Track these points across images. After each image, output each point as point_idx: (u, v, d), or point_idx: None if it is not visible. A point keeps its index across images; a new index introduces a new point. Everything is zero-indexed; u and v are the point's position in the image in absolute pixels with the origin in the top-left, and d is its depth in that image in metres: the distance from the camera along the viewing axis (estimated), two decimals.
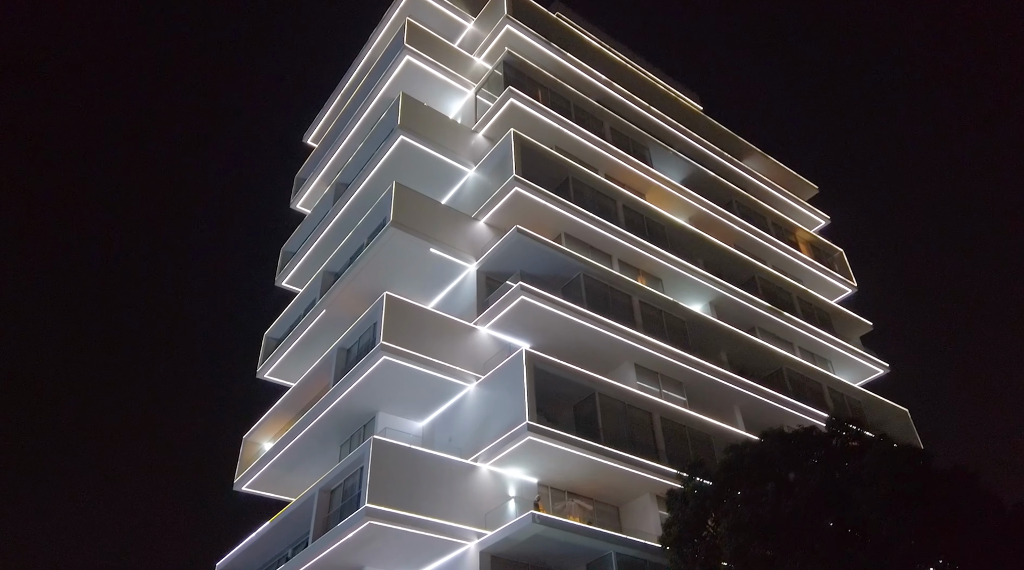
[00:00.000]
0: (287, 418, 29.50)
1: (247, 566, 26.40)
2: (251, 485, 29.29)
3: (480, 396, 24.49)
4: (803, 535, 12.35)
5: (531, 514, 20.23)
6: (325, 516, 22.67)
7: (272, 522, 25.58)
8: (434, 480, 21.68)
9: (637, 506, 24.12)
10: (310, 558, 21.82)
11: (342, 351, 26.78)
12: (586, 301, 26.57)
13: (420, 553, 21.56)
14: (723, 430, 26.32)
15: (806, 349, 36.16)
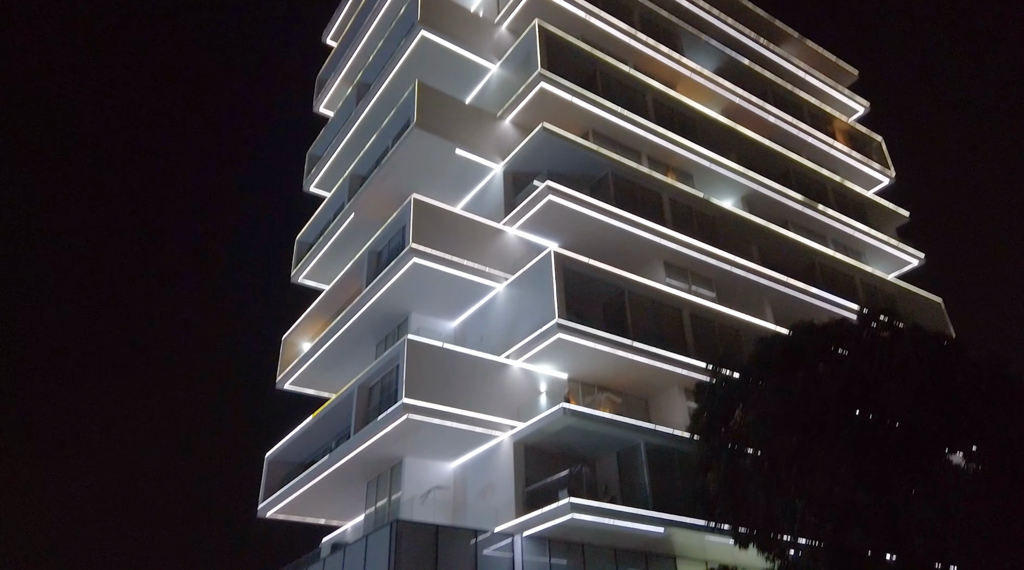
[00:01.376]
0: (323, 319, 30.33)
1: (294, 457, 27.98)
2: (293, 383, 30.53)
3: (510, 296, 24.82)
4: (830, 425, 12.61)
5: (562, 407, 20.94)
6: (365, 411, 23.72)
7: (315, 417, 26.87)
8: (467, 376, 22.41)
9: (665, 398, 24.77)
10: (352, 449, 23.02)
11: (373, 254, 27.11)
12: (615, 199, 26.26)
13: (456, 444, 22.60)
14: (752, 325, 26.48)
15: (839, 242, 35.63)
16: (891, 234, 38.16)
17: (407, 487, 22.61)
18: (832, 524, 12.22)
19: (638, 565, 21.26)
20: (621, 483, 21.85)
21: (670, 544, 21.24)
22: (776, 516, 13.41)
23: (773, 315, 29.05)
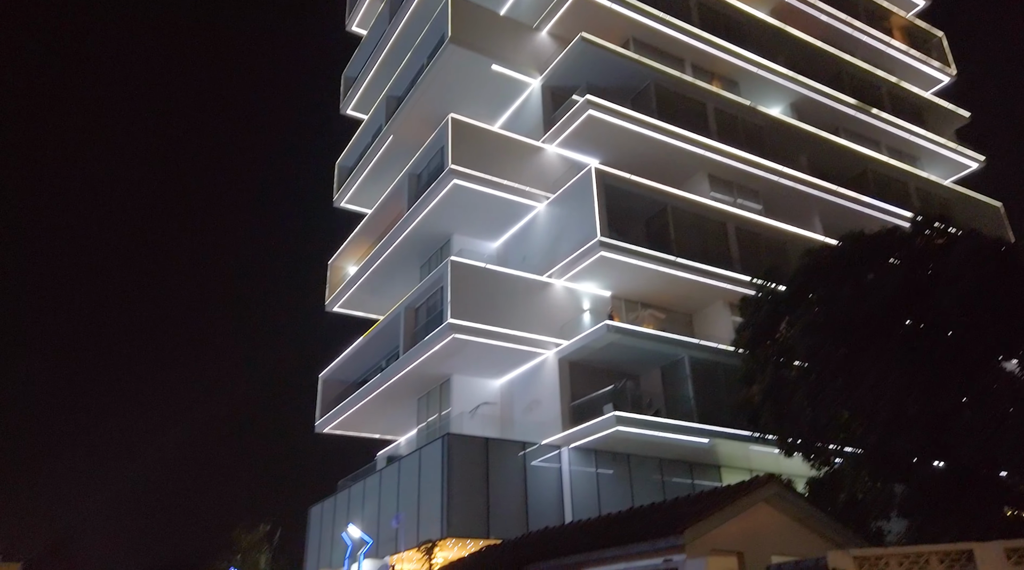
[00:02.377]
0: (367, 243, 30.73)
1: (346, 377, 29.05)
2: (342, 305, 31.32)
3: (551, 215, 24.66)
4: (878, 334, 12.46)
5: (605, 324, 21.10)
6: (412, 331, 24.31)
7: (364, 338, 27.66)
8: (511, 296, 22.65)
9: (710, 313, 24.70)
10: (401, 369, 23.76)
11: (412, 177, 27.07)
12: (657, 111, 25.46)
13: (502, 362, 23.10)
14: (800, 237, 25.90)
15: (893, 147, 34.10)
16: (949, 137, 36.30)
17: (456, 403, 23.36)
18: (878, 432, 12.26)
19: (683, 474, 21.82)
20: (665, 396, 22.18)
21: (715, 454, 21.68)
22: (821, 425, 13.51)
23: (822, 226, 28.32)
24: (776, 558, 9.37)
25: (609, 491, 20.64)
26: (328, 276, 32.60)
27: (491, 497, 19.94)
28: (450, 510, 19.16)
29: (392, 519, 21.09)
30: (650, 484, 21.03)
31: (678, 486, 20.47)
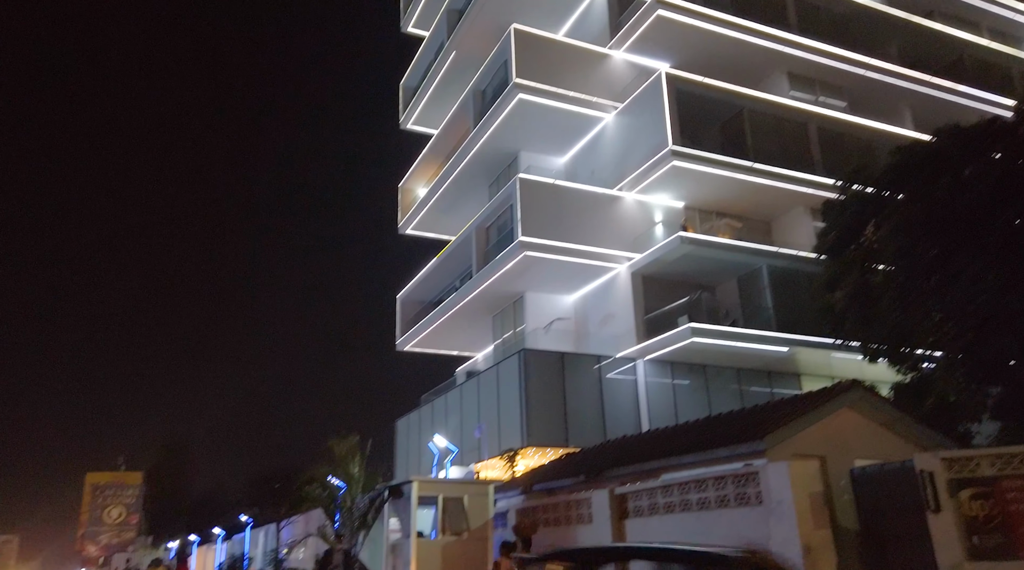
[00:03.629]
0: (436, 164, 30.76)
1: (422, 297, 29.78)
2: (414, 228, 31.75)
3: (620, 125, 23.93)
4: (976, 231, 11.70)
5: (679, 235, 20.67)
6: (483, 251, 24.51)
7: (437, 259, 28.11)
8: (581, 211, 22.38)
9: (789, 220, 23.80)
10: (475, 288, 24.13)
11: (477, 93, 26.62)
12: (731, 6, 23.91)
13: (574, 278, 23.10)
14: (888, 134, 24.31)
15: (995, 29, 31.07)
16: None
17: (530, 319, 23.66)
18: (972, 333, 11.72)
19: (761, 383, 21.65)
20: (743, 306, 21.80)
21: (794, 362, 21.35)
22: (910, 329, 13.01)
23: (913, 121, 26.46)
24: (860, 462, 9.27)
25: (686, 401, 20.76)
26: (399, 199, 32.98)
27: (568, 408, 20.41)
28: (529, 421, 19.75)
29: (475, 430, 21.95)
30: (727, 394, 21.00)
31: (756, 395, 20.36)
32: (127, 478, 58.52)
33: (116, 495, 56.48)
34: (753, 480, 9.19)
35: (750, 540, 9.01)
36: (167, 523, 56.63)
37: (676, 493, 10.52)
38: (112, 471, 59.04)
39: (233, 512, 42.45)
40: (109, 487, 56.87)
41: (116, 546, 50.90)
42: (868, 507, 8.79)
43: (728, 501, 9.58)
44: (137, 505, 56.78)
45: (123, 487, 57.33)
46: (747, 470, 9.30)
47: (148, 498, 58.53)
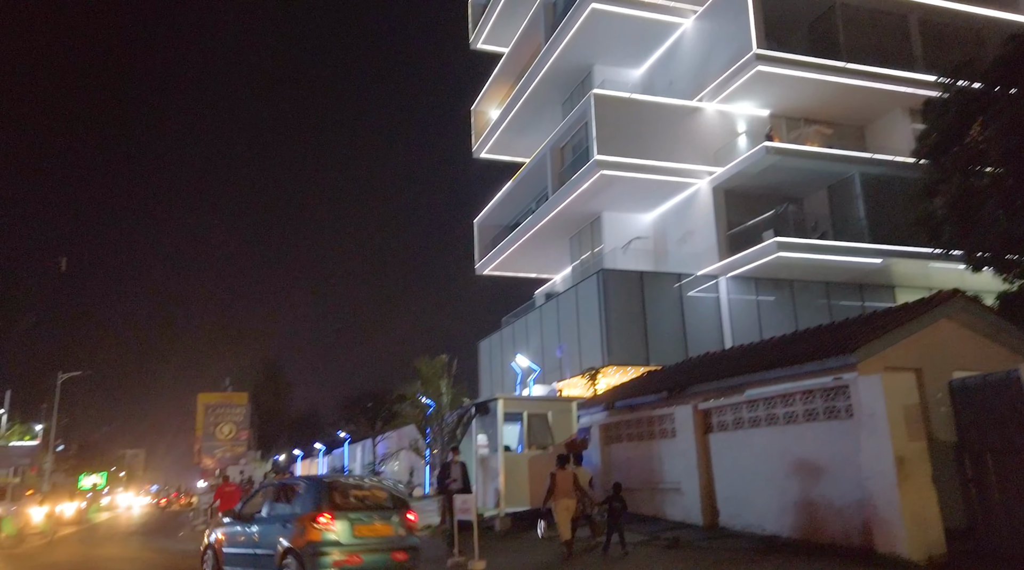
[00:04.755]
0: (508, 84, 30.19)
1: (499, 221, 29.86)
2: (488, 151, 31.57)
3: (699, 31, 22.67)
4: None
5: (764, 146, 19.75)
6: (559, 171, 24.20)
7: (512, 182, 27.98)
8: (659, 126, 21.64)
9: (885, 123, 22.29)
10: (551, 209, 23.97)
11: (548, 6, 25.69)
12: None
13: (652, 195, 22.58)
14: (1000, 22, 22.07)
15: None
16: None
17: (608, 239, 23.44)
18: None
19: (852, 296, 20.90)
20: (832, 217, 20.86)
21: (888, 274, 20.44)
22: (1018, 234, 12.17)
23: None
24: (959, 374, 8.93)
25: (771, 318, 20.33)
26: (472, 122, 32.70)
27: (649, 327, 20.38)
28: (609, 340, 19.88)
29: (556, 349, 22.30)
30: (815, 309, 20.41)
31: (846, 309, 19.67)
32: (234, 398, 63.08)
33: (226, 414, 61.10)
34: (843, 394, 9.04)
35: (839, 453, 8.94)
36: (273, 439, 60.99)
37: (762, 408, 10.48)
38: (220, 392, 63.76)
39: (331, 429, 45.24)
40: (219, 406, 61.53)
41: (229, 459, 55.39)
42: (966, 419, 8.53)
43: (816, 415, 9.48)
44: (245, 422, 61.32)
45: (231, 406, 61.91)
46: (837, 384, 9.14)
47: (254, 416, 63.01)
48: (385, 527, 8.25)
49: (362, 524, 8.08)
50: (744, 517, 10.66)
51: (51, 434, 42.07)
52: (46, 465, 40.74)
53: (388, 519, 8.35)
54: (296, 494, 8.63)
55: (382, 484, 10.76)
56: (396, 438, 27.35)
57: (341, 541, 7.81)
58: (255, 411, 63.33)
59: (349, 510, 8.15)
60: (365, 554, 7.91)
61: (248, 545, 8.82)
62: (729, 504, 11.06)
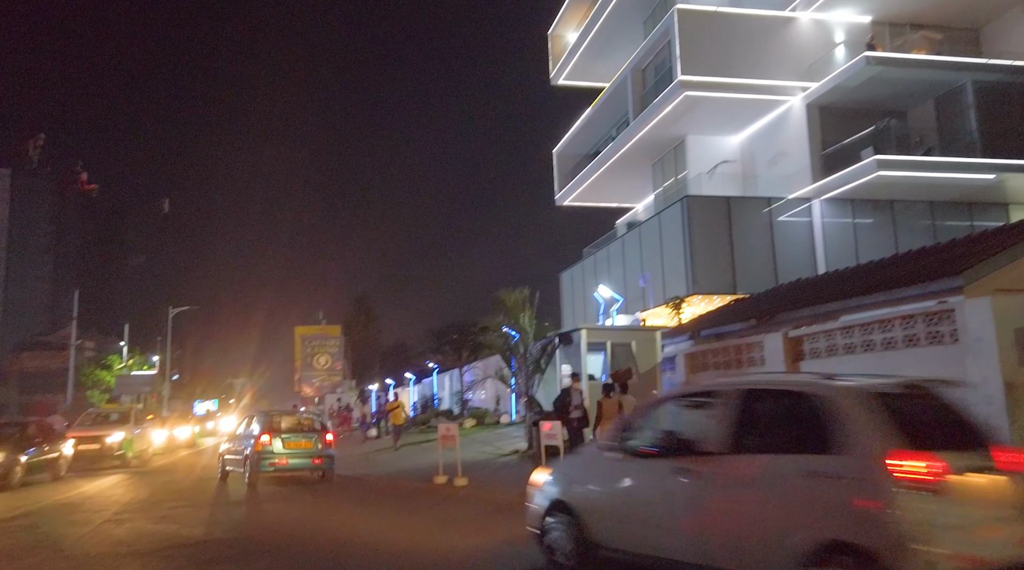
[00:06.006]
0: (585, 4, 28.97)
1: (578, 150, 29.29)
2: (566, 77, 30.67)
3: None
4: None
5: (864, 56, 18.34)
6: (640, 95, 23.34)
7: (592, 108, 27.25)
8: (747, 40, 20.41)
9: (1004, 24, 20.24)
10: (633, 135, 23.27)
11: None
12: None
13: (740, 116, 21.52)
14: None
15: None
16: None
17: (692, 165, 22.64)
18: None
19: (960, 216, 19.54)
20: (939, 131, 19.36)
21: (1001, 190, 18.94)
22: None
23: None
24: None
25: (869, 241, 19.32)
26: (550, 48, 31.77)
27: (736, 254, 19.80)
28: (694, 269, 19.47)
29: (639, 279, 22.06)
30: (918, 230, 19.21)
31: (953, 230, 18.41)
32: (328, 330, 66.13)
33: (321, 345, 64.25)
34: (948, 318, 8.56)
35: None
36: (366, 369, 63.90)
37: (858, 334, 10.08)
38: (315, 325, 66.95)
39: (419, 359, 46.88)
40: (315, 338, 64.72)
41: (327, 388, 58.55)
42: None
43: (917, 340, 9.04)
44: (339, 353, 64.37)
45: (326, 338, 64.99)
46: (941, 308, 8.65)
47: (347, 347, 66.01)
48: (308, 443, 13.13)
49: (291, 441, 12.96)
50: None
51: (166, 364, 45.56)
52: (164, 392, 44.25)
53: (311, 438, 13.27)
54: (255, 422, 13.47)
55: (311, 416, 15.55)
56: (482, 368, 28.10)
57: (275, 451, 12.67)
58: (348, 343, 66.29)
59: (283, 432, 13.07)
60: (291, 459, 12.82)
61: (237, 452, 13.67)
62: None
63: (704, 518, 4.60)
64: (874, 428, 3.95)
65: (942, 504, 3.70)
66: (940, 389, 4.61)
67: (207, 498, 11.76)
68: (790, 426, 4.46)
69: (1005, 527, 3.90)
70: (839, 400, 4.23)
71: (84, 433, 18.26)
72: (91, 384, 42.97)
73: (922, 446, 3.87)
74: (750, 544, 4.27)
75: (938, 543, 3.60)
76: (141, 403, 34.28)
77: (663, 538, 4.84)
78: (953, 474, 3.81)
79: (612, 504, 5.26)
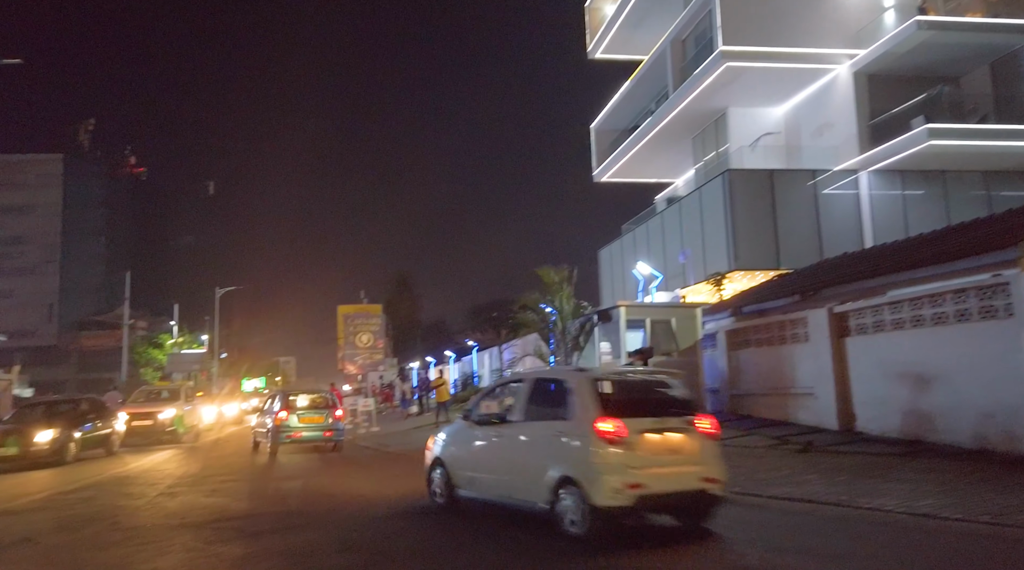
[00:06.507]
0: None
1: (616, 125, 28.86)
2: (604, 50, 30.08)
3: None
4: None
5: (915, 20, 17.62)
6: (680, 67, 22.86)
7: (630, 81, 26.79)
8: (791, 8, 19.78)
9: None
10: (673, 108, 22.82)
11: None
12: None
13: (784, 86, 20.93)
14: None
15: None
16: None
17: (734, 137, 22.13)
18: None
19: (1016, 185, 18.76)
20: (995, 98, 18.58)
21: None
22: None
23: None
24: None
25: (918, 213, 18.71)
26: (587, 20, 31.24)
27: (779, 229, 19.39)
28: (736, 244, 19.13)
29: (679, 255, 21.77)
30: (971, 201, 18.50)
31: (1009, 200, 17.65)
32: (369, 309, 67.03)
33: (363, 324, 65.20)
34: (1002, 292, 8.26)
35: (994, 354, 8.27)
36: (407, 347, 64.72)
37: (906, 309, 9.80)
38: (356, 304, 67.89)
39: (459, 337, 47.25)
40: (357, 317, 65.70)
41: (369, 366, 59.49)
42: None
43: (969, 315, 8.76)
44: (381, 332, 65.26)
45: (368, 316, 65.92)
46: (995, 281, 8.35)
47: (389, 326, 66.87)
48: (319, 418, 15.14)
49: (305, 416, 15.02)
50: (883, 421, 10.21)
51: (215, 343, 46.79)
52: (213, 370, 45.53)
53: (322, 414, 15.24)
54: (274, 401, 15.57)
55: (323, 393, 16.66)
56: (521, 346, 28.19)
57: (291, 425, 14.71)
58: (389, 321, 67.13)
59: (298, 409, 15.05)
60: (305, 432, 14.89)
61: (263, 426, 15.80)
62: (867, 408, 10.62)
63: (506, 465, 6.56)
64: (591, 403, 5.77)
65: (623, 452, 5.48)
66: (655, 376, 6.59)
67: (254, 473, 12.09)
68: (552, 402, 6.22)
69: (673, 467, 5.66)
70: (574, 384, 6.04)
71: (137, 409, 18.90)
72: (144, 362, 44.40)
73: (617, 415, 5.62)
74: (528, 480, 6.07)
75: (618, 476, 5.39)
76: (192, 380, 35.32)
77: (487, 481, 6.78)
78: (633, 433, 5.54)
79: (463, 458, 7.28)
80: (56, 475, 12.12)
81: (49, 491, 10.10)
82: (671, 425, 5.73)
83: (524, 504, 6.13)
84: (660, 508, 5.84)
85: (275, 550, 5.76)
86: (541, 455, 6.03)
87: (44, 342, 58.29)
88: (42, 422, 14.00)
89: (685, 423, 5.79)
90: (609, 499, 5.34)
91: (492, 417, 7.06)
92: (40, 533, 6.88)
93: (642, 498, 5.39)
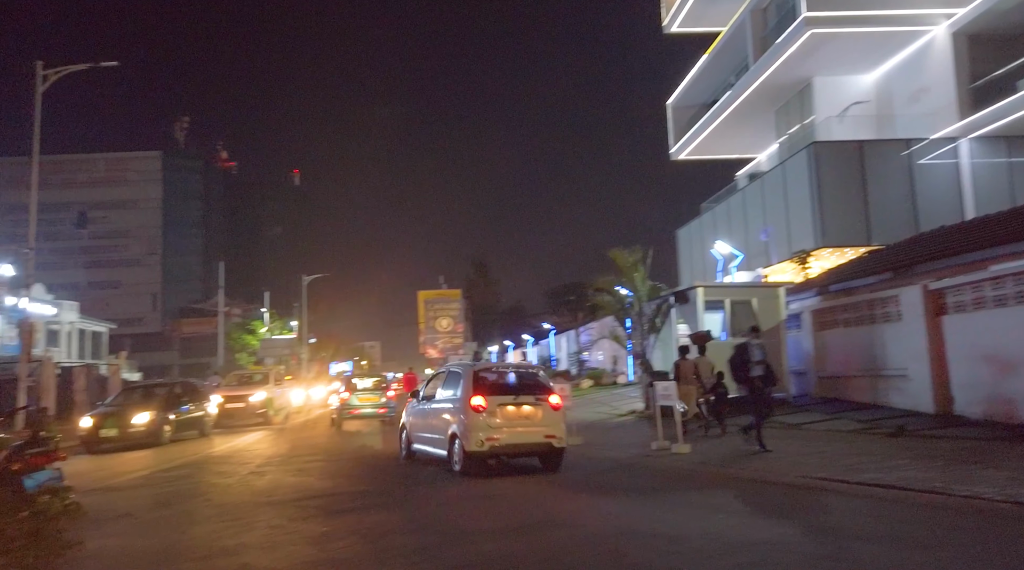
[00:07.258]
0: None
1: (694, 100, 28.00)
2: (680, 24, 29.09)
3: None
4: None
5: None
6: (761, 36, 21.93)
7: (708, 54, 25.91)
8: None
9: None
10: (753, 80, 21.93)
11: None
12: None
13: (873, 51, 19.76)
14: None
15: None
16: None
17: (820, 108, 21.07)
18: None
19: None
20: None
21: None
22: None
23: None
24: None
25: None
26: None
27: (870, 202, 18.41)
28: (823, 220, 18.29)
29: (761, 233, 21.01)
30: None
31: None
32: (448, 294, 68.11)
33: (443, 308, 66.35)
34: None
35: None
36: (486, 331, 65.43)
37: (1010, 284, 9.11)
38: (436, 289, 69.12)
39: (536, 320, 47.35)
40: (436, 301, 66.89)
41: (450, 349, 60.54)
42: None
43: None
44: (460, 316, 66.24)
45: (447, 301, 67.02)
46: None
47: (468, 310, 67.79)
48: (375, 398, 18.52)
49: (363, 397, 18.52)
50: (985, 405, 9.56)
51: (303, 328, 48.62)
52: (303, 355, 47.35)
53: (376, 395, 18.64)
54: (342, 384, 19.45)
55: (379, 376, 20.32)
56: (598, 329, 27.97)
57: (352, 403, 18.37)
58: (468, 305, 68.00)
59: (358, 392, 18.58)
60: (363, 409, 18.47)
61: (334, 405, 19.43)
62: (966, 391, 9.96)
63: (432, 428, 9.59)
64: (470, 386, 8.67)
65: (485, 417, 8.38)
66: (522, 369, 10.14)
67: (338, 453, 12.49)
68: (454, 385, 9.17)
69: (522, 428, 8.53)
70: (464, 373, 9.12)
71: (230, 392, 19.88)
72: (239, 348, 46.63)
73: (485, 394, 8.54)
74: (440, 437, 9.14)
75: (481, 432, 8.32)
76: (283, 365, 36.85)
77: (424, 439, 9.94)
78: (493, 406, 8.42)
79: (414, 425, 10.49)
80: (153, 455, 12.89)
81: (148, 470, 10.78)
82: (525, 400, 8.56)
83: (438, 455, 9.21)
84: (514, 454, 8.71)
85: (351, 529, 5.92)
86: (445, 420, 8.96)
87: (150, 329, 62.17)
88: (140, 405, 14.83)
89: (536, 399, 8.61)
90: (475, 447, 8.31)
91: (431, 396, 9.91)
92: (139, 508, 7.34)
93: (496, 447, 8.32)
